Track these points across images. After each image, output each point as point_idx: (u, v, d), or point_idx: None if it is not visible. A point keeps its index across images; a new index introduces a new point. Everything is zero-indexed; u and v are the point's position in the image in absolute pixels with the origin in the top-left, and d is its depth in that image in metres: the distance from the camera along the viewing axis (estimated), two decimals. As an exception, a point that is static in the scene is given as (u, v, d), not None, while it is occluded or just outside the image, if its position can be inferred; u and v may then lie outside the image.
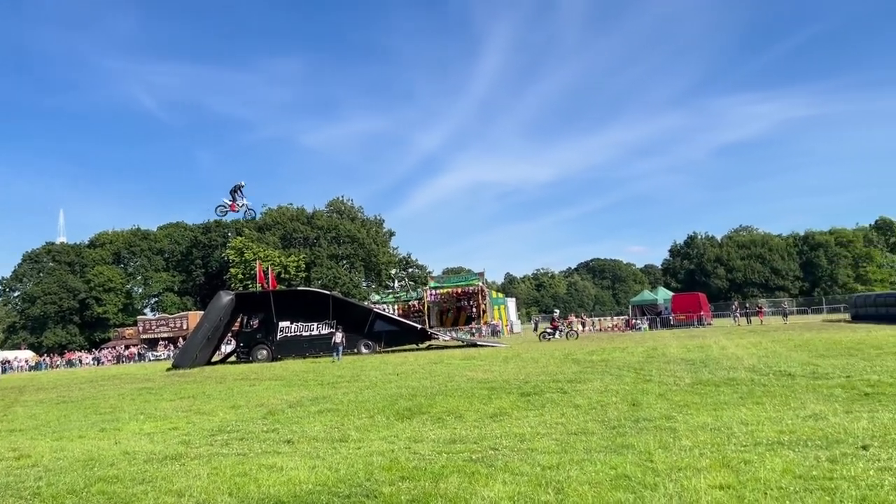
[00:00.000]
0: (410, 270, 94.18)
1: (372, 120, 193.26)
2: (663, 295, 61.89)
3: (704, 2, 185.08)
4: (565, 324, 40.07)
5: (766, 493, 5.05)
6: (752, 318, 49.71)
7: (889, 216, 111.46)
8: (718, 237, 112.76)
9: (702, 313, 49.23)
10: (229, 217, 40.53)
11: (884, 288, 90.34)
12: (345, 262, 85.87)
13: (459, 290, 50.58)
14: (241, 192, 29.11)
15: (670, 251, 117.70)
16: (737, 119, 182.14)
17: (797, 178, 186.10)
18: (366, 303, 50.89)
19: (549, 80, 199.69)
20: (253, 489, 6.34)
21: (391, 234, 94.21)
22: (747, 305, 57.77)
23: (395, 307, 50.81)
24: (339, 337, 29.43)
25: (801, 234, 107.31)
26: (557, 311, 48.18)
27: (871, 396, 9.45)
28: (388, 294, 57.16)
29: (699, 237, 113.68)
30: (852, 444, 6.54)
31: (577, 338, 36.35)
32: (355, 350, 32.60)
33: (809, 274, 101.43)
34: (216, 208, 29.39)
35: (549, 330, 38.25)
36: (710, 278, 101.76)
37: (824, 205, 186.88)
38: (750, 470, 5.76)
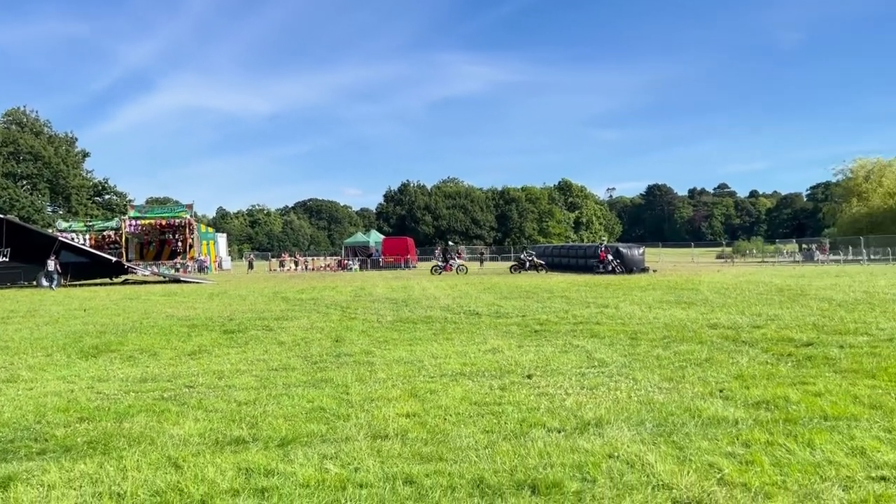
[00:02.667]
0: (107, 197, 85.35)
1: (67, 22, 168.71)
2: (375, 238, 64.18)
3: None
4: (532, 257, 38.51)
5: (445, 419, 5.54)
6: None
7: (569, 178, 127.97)
8: (429, 186, 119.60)
9: (409, 256, 52.17)
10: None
11: (560, 241, 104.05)
12: (25, 182, 74.81)
13: (164, 222, 47.10)
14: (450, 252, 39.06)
15: (385, 196, 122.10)
16: (455, 76, 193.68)
17: (500, 138, 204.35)
18: (51, 230, 45.02)
19: (272, 10, 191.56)
20: None
21: (85, 154, 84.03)
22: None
23: (87, 237, 45.76)
24: (52, 264, 26.81)
25: (499, 189, 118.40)
26: (604, 240, 52.59)
27: (540, 333, 10.84)
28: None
29: (412, 185, 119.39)
30: (520, 373, 7.45)
31: (546, 272, 35.13)
32: (34, 283, 28.82)
33: (503, 225, 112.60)
34: (432, 269, 37.78)
35: (521, 260, 37.97)
36: (419, 224, 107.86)
37: (519, 164, 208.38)
38: (434, 398, 6.27)
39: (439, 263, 38.61)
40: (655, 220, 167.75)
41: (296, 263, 55.44)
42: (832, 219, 76.44)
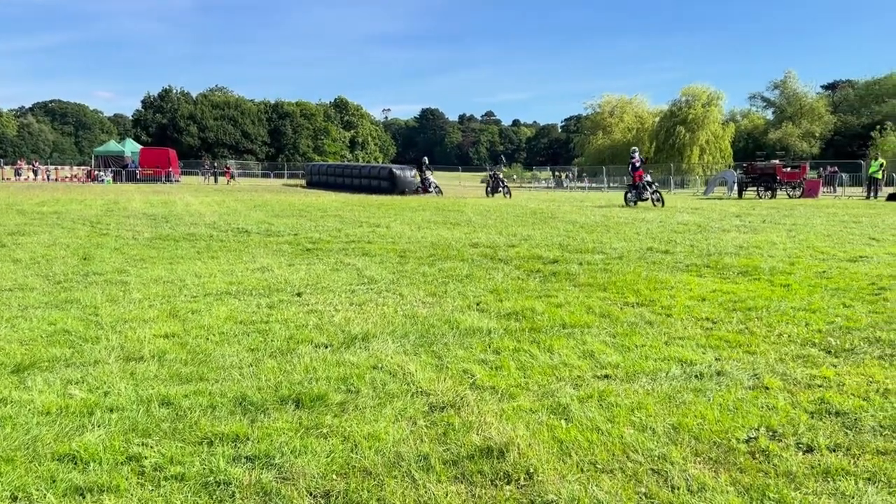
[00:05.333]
0: None
1: None
2: (132, 147, 58.87)
3: None
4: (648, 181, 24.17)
5: (208, 339, 5.34)
6: (220, 178, 51.49)
7: (345, 96, 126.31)
8: (194, 94, 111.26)
9: (170, 169, 48.68)
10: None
11: (335, 159, 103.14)
12: None
13: None
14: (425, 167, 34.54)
15: (143, 102, 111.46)
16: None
17: (274, 49, 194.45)
18: None
19: None
20: None
21: None
22: (216, 165, 59.24)
23: None
24: None
25: (272, 102, 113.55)
26: (637, 149, 26.58)
27: (312, 251, 10.78)
28: None
29: (174, 91, 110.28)
30: (290, 291, 7.38)
31: (663, 206, 22.78)
32: None
33: (276, 140, 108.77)
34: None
35: (636, 186, 24.22)
36: (183, 135, 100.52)
37: (294, 77, 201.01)
38: (196, 318, 6.01)
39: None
40: (428, 143, 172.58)
41: (35, 172, 49.27)
42: (581, 149, 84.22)
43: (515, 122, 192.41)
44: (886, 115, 72.85)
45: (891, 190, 32.40)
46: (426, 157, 36.68)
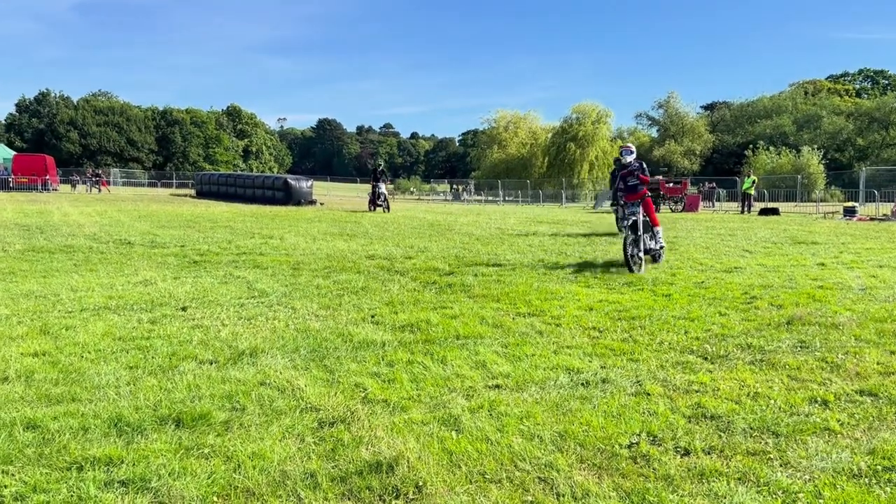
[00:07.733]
0: None
1: None
2: (4, 154, 54.96)
3: None
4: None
5: (82, 357, 5.02)
6: (102, 188, 49.05)
7: (239, 104, 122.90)
8: (75, 99, 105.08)
9: (48, 177, 45.73)
10: None
11: (227, 169, 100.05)
12: None
13: None
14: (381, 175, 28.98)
15: (18, 106, 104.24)
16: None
17: (162, 55, 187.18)
18: None
19: None
20: None
21: None
22: (99, 173, 56.13)
23: None
24: None
25: (161, 108, 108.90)
26: (631, 149, 11.48)
27: (199, 264, 10.37)
28: None
29: (53, 95, 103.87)
30: (174, 306, 7.05)
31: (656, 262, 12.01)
32: None
33: (164, 149, 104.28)
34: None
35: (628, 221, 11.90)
36: (63, 141, 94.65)
37: (184, 83, 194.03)
38: (70, 335, 5.64)
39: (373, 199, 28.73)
40: (325, 153, 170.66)
41: None
42: (478, 163, 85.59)
43: (414, 135, 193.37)
44: (758, 134, 78.29)
45: (762, 205, 34.74)
46: (381, 161, 32.84)
